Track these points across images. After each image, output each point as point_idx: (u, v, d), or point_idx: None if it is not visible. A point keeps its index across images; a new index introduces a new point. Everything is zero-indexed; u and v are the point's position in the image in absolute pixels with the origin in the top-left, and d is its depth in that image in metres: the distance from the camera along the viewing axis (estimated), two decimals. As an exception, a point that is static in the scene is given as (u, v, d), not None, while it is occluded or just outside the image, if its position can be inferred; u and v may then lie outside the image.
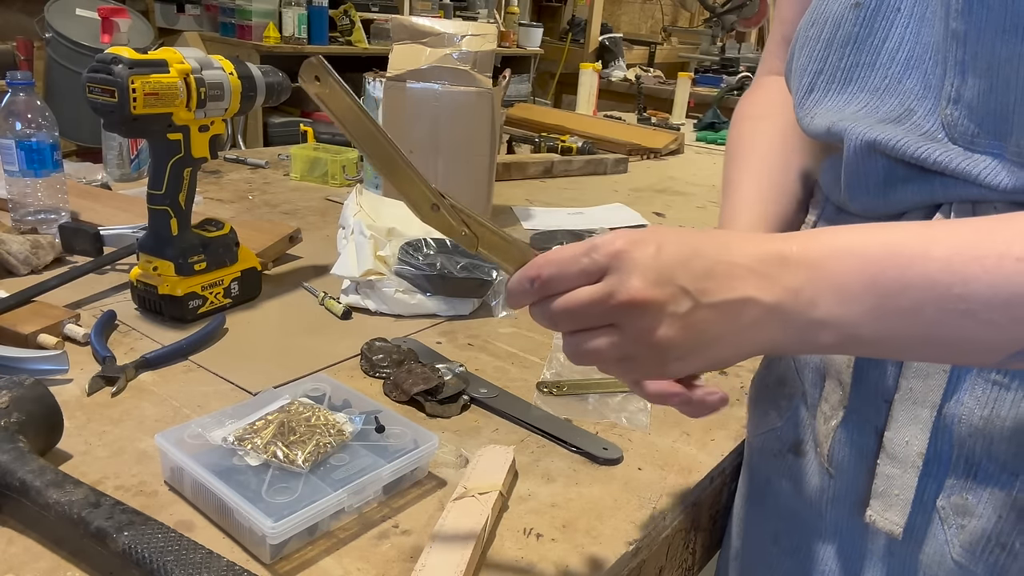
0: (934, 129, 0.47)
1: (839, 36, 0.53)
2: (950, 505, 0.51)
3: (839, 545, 0.58)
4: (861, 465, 0.55)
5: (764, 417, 0.66)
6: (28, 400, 0.59)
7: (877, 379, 0.53)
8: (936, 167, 0.47)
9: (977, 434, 0.49)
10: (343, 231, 0.99)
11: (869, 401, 0.53)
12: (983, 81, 0.44)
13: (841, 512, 0.58)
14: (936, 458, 0.51)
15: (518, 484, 0.64)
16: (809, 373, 0.60)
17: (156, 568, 0.47)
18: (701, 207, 1.61)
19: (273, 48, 3.52)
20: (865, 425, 0.54)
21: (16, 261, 0.94)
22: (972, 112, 0.45)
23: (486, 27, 1.26)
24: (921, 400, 0.50)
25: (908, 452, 0.51)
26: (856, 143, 0.50)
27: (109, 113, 0.77)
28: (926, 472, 0.51)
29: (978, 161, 0.45)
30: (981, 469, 0.50)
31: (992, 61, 0.43)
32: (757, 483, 0.67)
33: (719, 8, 4.22)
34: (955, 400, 0.49)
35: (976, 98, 0.45)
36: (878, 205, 0.52)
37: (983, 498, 0.50)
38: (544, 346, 0.89)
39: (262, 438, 0.59)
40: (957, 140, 0.46)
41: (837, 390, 0.54)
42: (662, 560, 0.64)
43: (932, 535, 0.52)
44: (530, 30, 4.79)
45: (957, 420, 0.49)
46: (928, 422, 0.50)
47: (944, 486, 0.51)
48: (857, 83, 0.52)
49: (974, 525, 0.50)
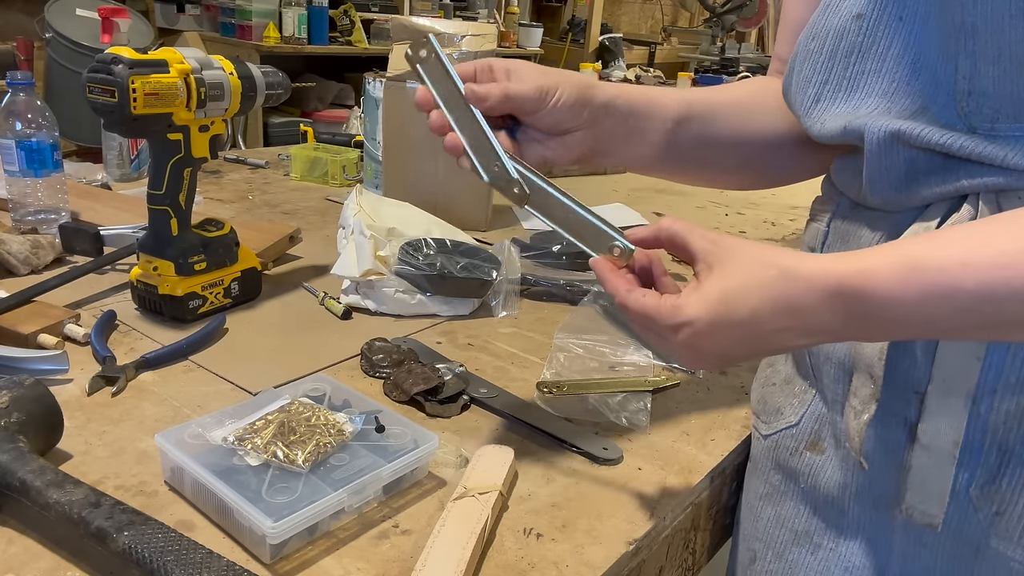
0: (952, 121, 0.48)
1: (842, 47, 0.53)
2: (984, 493, 0.51)
3: (864, 540, 0.59)
4: (887, 459, 0.55)
5: (776, 416, 0.66)
6: (28, 400, 0.59)
7: (908, 370, 0.53)
8: (961, 153, 0.47)
9: (1011, 420, 0.49)
10: (343, 231, 0.99)
11: (899, 394, 0.54)
12: (996, 67, 0.45)
13: (865, 507, 0.58)
14: (968, 446, 0.51)
15: (518, 484, 0.64)
16: (831, 369, 0.59)
17: (156, 568, 0.47)
18: (701, 207, 1.61)
19: (273, 48, 3.51)
20: (892, 418, 0.54)
21: (16, 261, 0.94)
22: (989, 99, 0.46)
23: (486, 27, 1.26)
24: (955, 390, 0.50)
25: (943, 443, 0.51)
26: (878, 135, 0.50)
27: (109, 113, 0.77)
28: (959, 461, 0.51)
29: (1003, 144, 0.46)
30: (1015, 455, 0.50)
31: (1003, 46, 0.44)
32: (772, 483, 0.67)
33: (719, 8, 4.22)
34: (988, 388, 0.49)
35: (991, 84, 0.46)
36: (900, 198, 0.52)
37: (1017, 484, 0.50)
38: (544, 346, 0.89)
39: (262, 438, 0.59)
40: (977, 129, 0.47)
41: (868, 384, 0.54)
42: (662, 560, 0.64)
43: (967, 524, 0.52)
44: (530, 30, 4.78)
45: (991, 408, 0.49)
46: (962, 411, 0.50)
47: (977, 474, 0.51)
48: (865, 89, 0.52)
49: (1010, 512, 0.50)
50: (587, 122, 0.63)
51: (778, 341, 0.48)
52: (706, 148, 0.70)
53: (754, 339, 0.48)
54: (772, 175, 0.73)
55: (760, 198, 1.69)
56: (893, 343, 0.52)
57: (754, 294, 0.46)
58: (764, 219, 1.54)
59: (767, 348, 0.49)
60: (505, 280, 0.96)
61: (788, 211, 1.61)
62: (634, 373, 0.83)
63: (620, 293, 0.52)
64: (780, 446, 0.65)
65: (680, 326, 0.49)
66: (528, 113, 0.61)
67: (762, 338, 0.47)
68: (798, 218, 1.56)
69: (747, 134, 0.69)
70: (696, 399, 0.80)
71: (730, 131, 0.69)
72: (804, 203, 0.80)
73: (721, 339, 0.48)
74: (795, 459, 0.63)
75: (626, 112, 0.65)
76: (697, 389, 0.82)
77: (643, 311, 0.51)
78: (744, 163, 0.71)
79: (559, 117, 0.61)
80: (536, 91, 0.60)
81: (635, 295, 0.51)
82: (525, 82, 0.60)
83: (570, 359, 0.85)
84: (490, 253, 0.99)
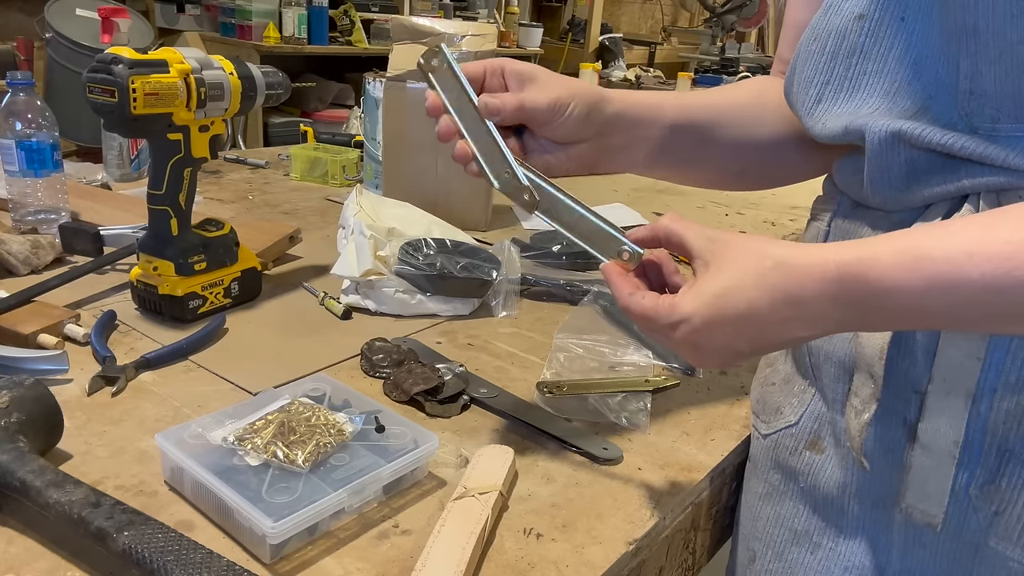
0: (953, 121, 0.48)
1: (844, 47, 0.53)
2: (983, 493, 0.51)
3: (864, 539, 0.59)
4: (887, 458, 0.55)
5: (776, 416, 0.66)
6: (28, 400, 0.59)
7: (908, 370, 0.53)
8: (962, 153, 0.47)
9: (1011, 420, 0.49)
10: (343, 231, 0.99)
11: (898, 393, 0.54)
12: (997, 67, 0.45)
13: (865, 506, 0.58)
14: (968, 446, 0.51)
15: (518, 484, 0.64)
16: (831, 368, 0.59)
17: (156, 568, 0.47)
18: (701, 207, 1.61)
19: (273, 48, 3.51)
20: (892, 418, 0.54)
21: (16, 261, 0.94)
22: (990, 99, 0.46)
23: (486, 27, 1.26)
24: (955, 389, 0.50)
25: (943, 442, 0.51)
26: (880, 135, 0.50)
27: (109, 113, 0.77)
28: (959, 461, 0.51)
29: (1003, 144, 0.46)
30: (1015, 455, 0.50)
31: (1004, 46, 0.44)
32: (772, 483, 0.67)
33: (719, 8, 4.22)
34: (988, 387, 0.49)
35: (992, 84, 0.46)
36: (901, 198, 0.52)
37: (1017, 484, 0.50)
38: (544, 346, 0.89)
39: (262, 438, 0.59)
40: (978, 129, 0.47)
41: (868, 383, 0.54)
42: (662, 560, 0.64)
43: (966, 523, 0.52)
44: (530, 30, 4.78)
45: (990, 407, 0.49)
46: (962, 411, 0.50)
47: (977, 474, 0.51)
48: (867, 89, 0.53)
49: (1009, 511, 0.50)
50: (594, 134, 0.63)
51: (781, 333, 0.47)
52: (706, 154, 0.70)
53: (756, 332, 0.47)
54: (773, 177, 0.73)
55: (760, 198, 1.69)
56: (893, 342, 0.52)
57: (751, 286, 0.46)
58: (764, 219, 1.54)
59: (771, 341, 0.49)
60: (505, 280, 0.96)
61: (788, 211, 1.61)
62: (634, 373, 0.83)
63: (623, 297, 0.52)
64: (780, 445, 0.65)
65: (677, 324, 0.49)
66: (539, 125, 0.62)
67: (764, 331, 0.47)
68: (798, 218, 1.56)
69: (748, 140, 0.70)
70: (696, 399, 0.80)
71: (730, 138, 0.69)
72: (804, 203, 0.80)
73: (721, 334, 0.48)
74: (795, 458, 0.63)
75: (630, 123, 0.65)
76: (697, 389, 0.82)
77: (643, 312, 0.51)
78: (745, 168, 0.72)
79: (569, 130, 0.62)
80: (550, 105, 0.60)
81: (635, 298, 0.52)
82: (539, 94, 0.60)
83: (570, 359, 0.85)
84: (490, 253, 0.99)
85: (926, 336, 0.51)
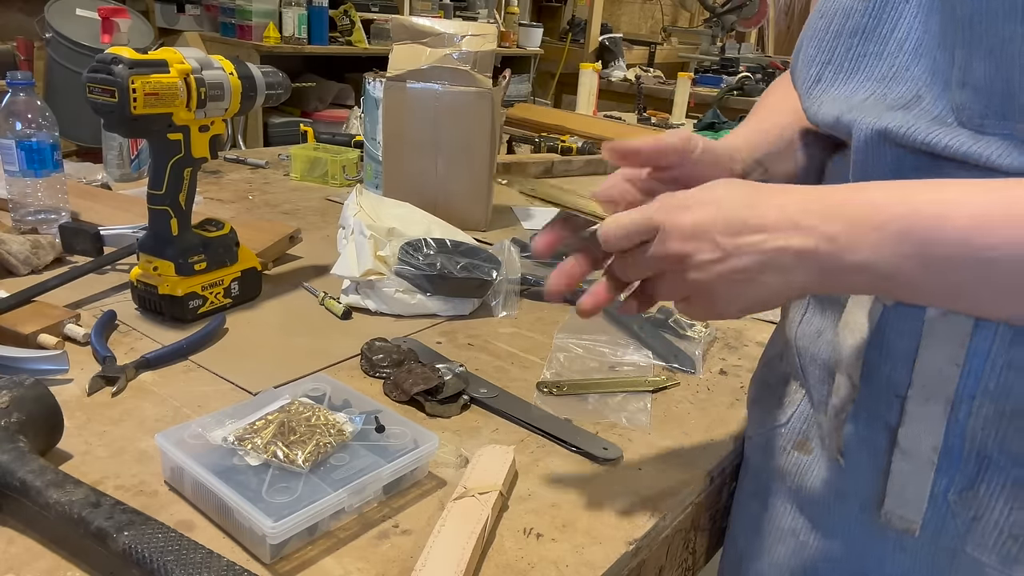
0: (943, 114, 0.48)
1: (848, 27, 0.53)
2: (962, 499, 0.51)
3: (848, 541, 0.59)
4: (871, 462, 0.55)
5: (768, 415, 0.66)
6: (28, 400, 0.59)
7: (888, 374, 0.53)
8: (946, 152, 0.47)
9: (990, 427, 0.49)
10: (343, 231, 0.99)
11: (880, 397, 0.54)
12: (988, 62, 0.45)
13: (851, 508, 0.58)
14: (947, 452, 0.51)
15: (518, 484, 0.64)
16: (816, 370, 0.60)
17: (156, 568, 0.47)
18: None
19: (273, 48, 3.51)
20: (876, 422, 0.54)
21: (16, 261, 0.94)
22: (980, 94, 0.46)
23: (486, 27, 1.26)
24: (935, 395, 0.50)
25: (922, 448, 0.51)
26: (865, 133, 0.50)
27: (109, 113, 0.77)
28: (938, 466, 0.51)
29: (988, 143, 0.46)
30: (993, 462, 0.50)
31: (996, 42, 0.44)
32: (761, 481, 0.67)
33: (719, 8, 4.22)
34: (967, 393, 0.49)
35: (983, 79, 0.45)
36: None
37: (995, 491, 0.50)
38: (544, 346, 0.89)
39: (262, 438, 0.59)
40: (966, 124, 0.47)
41: (847, 385, 0.54)
42: (662, 560, 0.64)
43: (944, 529, 0.52)
44: (530, 30, 4.78)
45: (969, 413, 0.49)
46: (942, 417, 0.50)
47: (955, 480, 0.51)
48: (864, 72, 0.53)
49: (987, 518, 0.50)
50: None
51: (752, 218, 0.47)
52: None
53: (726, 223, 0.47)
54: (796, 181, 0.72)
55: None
56: (872, 344, 0.52)
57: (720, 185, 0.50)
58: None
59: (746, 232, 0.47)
60: (505, 280, 0.96)
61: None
62: (634, 373, 0.83)
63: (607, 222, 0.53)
64: (769, 445, 0.65)
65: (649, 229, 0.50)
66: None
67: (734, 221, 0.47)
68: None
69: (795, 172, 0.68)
70: (696, 399, 0.80)
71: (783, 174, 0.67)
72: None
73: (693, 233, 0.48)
74: (783, 458, 0.63)
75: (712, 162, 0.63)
76: (697, 389, 0.82)
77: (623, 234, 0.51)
78: None
79: None
80: None
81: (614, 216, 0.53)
82: None
83: (570, 359, 0.85)
84: (490, 253, 0.99)
85: (906, 340, 0.51)
